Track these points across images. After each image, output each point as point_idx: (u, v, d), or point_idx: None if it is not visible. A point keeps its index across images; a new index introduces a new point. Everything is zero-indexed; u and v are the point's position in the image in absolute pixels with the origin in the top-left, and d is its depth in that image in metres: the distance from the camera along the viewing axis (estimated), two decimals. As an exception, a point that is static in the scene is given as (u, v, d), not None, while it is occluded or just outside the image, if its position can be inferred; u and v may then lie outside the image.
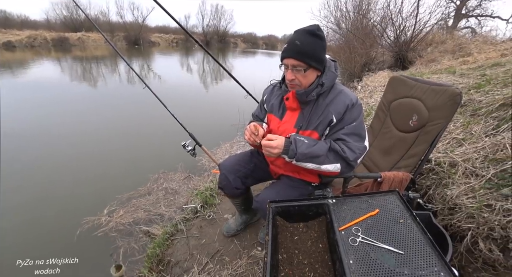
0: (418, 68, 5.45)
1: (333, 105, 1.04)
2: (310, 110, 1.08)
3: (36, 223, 2.17)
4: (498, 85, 2.25)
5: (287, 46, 1.01)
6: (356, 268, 0.70)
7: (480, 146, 1.60)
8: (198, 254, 1.59)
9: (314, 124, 1.07)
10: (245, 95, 2.11)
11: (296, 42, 0.97)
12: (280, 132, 1.14)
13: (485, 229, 1.18)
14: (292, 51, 0.99)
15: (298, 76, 1.02)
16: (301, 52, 0.98)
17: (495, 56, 4.36)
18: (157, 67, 12.54)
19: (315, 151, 0.99)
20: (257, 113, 1.32)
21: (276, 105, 1.18)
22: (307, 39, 0.97)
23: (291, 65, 1.01)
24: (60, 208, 2.37)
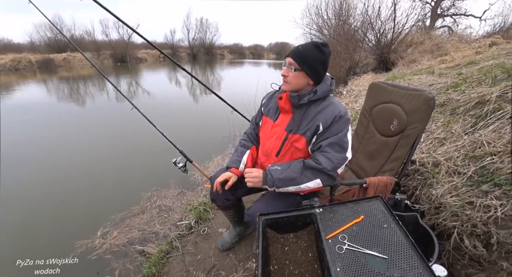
0: (401, 69, 5.64)
1: (322, 113, 1.11)
2: (301, 115, 1.15)
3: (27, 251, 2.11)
4: (473, 83, 2.35)
5: (291, 52, 1.13)
6: (343, 275, 0.72)
7: (460, 145, 1.67)
8: (194, 270, 1.58)
9: (303, 129, 1.13)
10: (231, 111, 2.15)
11: (298, 47, 1.10)
12: (272, 134, 1.23)
13: (469, 226, 1.22)
14: (292, 51, 1.11)
15: (289, 74, 1.11)
16: (298, 54, 1.08)
17: (470, 54, 4.56)
18: (145, 83, 12.50)
19: (290, 174, 1.08)
20: (254, 118, 1.43)
21: (273, 108, 1.26)
22: (308, 47, 1.08)
23: (288, 62, 1.11)
24: (51, 233, 2.31)
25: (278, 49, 42.61)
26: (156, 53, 27.23)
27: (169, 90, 10.77)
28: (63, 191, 2.96)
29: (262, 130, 1.31)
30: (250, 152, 1.33)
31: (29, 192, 2.91)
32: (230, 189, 1.32)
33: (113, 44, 23.97)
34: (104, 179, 3.27)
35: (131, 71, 17.26)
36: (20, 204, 2.68)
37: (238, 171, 1.29)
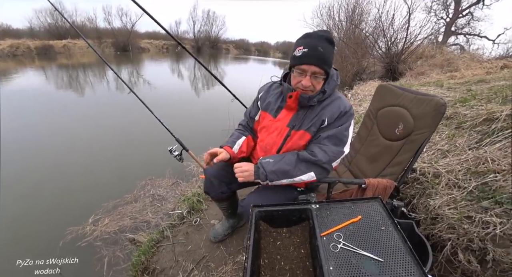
0: (408, 80, 5.61)
1: (328, 108, 1.08)
2: (306, 112, 1.10)
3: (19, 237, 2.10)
4: (482, 100, 2.33)
5: (308, 52, 0.96)
6: (336, 274, 0.70)
7: (463, 159, 1.65)
8: (184, 261, 1.56)
9: (307, 125, 1.10)
10: (232, 98, 2.12)
11: (319, 49, 0.95)
12: (273, 130, 1.16)
13: (465, 240, 1.20)
14: (315, 57, 0.96)
15: (314, 83, 1.01)
16: (324, 60, 0.97)
17: (481, 73, 4.53)
18: (147, 73, 12.38)
19: (283, 166, 1.04)
20: (249, 112, 1.34)
21: (272, 103, 1.18)
22: (327, 46, 0.97)
23: (312, 71, 0.99)
24: (43, 219, 2.30)
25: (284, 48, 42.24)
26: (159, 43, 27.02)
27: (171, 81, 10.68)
28: (58, 178, 2.94)
29: (260, 125, 1.24)
30: (246, 139, 1.26)
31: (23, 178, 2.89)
32: (225, 182, 1.29)
33: (115, 32, 23.61)
34: (99, 166, 3.25)
35: (132, 61, 17.11)
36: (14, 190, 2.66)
37: (232, 150, 1.20)
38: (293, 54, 1.01)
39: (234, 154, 1.21)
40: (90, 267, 1.75)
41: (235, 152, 1.21)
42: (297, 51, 0.99)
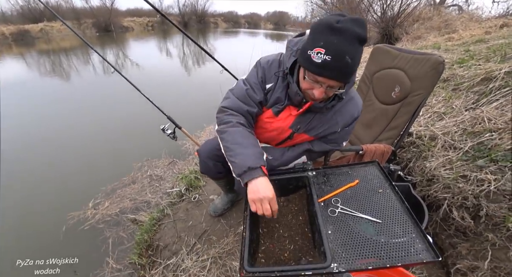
0: (404, 45, 5.45)
1: (341, 115, 0.94)
2: (314, 115, 0.93)
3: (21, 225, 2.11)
4: (481, 60, 2.27)
5: (331, 61, 0.70)
6: (334, 237, 0.70)
7: (460, 120, 1.64)
8: (186, 236, 1.59)
9: (316, 130, 0.96)
10: (221, 70, 2.03)
11: (347, 60, 0.70)
12: (271, 129, 0.99)
13: (459, 198, 1.22)
14: (339, 71, 0.73)
15: (328, 92, 0.81)
16: (350, 73, 0.75)
17: (479, 33, 4.38)
18: (133, 54, 11.73)
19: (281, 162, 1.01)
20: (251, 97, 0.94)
21: (280, 99, 0.94)
22: (357, 50, 0.71)
23: (329, 85, 0.77)
24: (43, 206, 2.29)
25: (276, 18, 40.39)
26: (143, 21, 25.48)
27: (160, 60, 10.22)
28: (53, 166, 2.90)
29: (261, 119, 1.01)
30: None
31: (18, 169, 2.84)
32: (221, 161, 1.21)
33: (94, 11, 21.95)
34: (94, 151, 3.20)
35: (117, 41, 16.14)
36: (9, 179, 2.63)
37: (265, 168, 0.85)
38: (307, 53, 0.73)
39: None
40: (95, 248, 1.79)
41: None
42: (314, 53, 0.71)
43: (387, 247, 0.66)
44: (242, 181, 0.80)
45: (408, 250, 0.64)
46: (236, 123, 0.90)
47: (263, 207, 0.76)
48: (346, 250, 0.66)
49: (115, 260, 1.64)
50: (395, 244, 0.66)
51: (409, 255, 0.63)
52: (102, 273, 1.56)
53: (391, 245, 0.66)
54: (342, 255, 0.65)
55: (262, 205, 0.76)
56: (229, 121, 0.90)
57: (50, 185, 2.58)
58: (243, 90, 0.94)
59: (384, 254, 0.64)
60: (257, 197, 0.76)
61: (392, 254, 0.64)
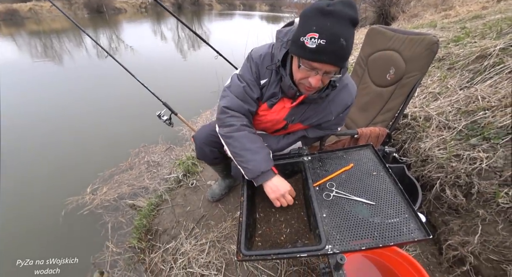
0: (401, 24, 5.33)
1: (334, 104, 0.93)
2: (308, 105, 0.93)
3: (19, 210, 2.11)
4: (476, 37, 2.23)
5: (326, 45, 0.68)
6: (329, 220, 0.72)
7: (454, 99, 1.63)
8: (184, 221, 1.62)
9: (310, 120, 0.96)
10: (215, 55, 1.98)
11: (341, 42, 0.68)
12: (266, 121, 1.00)
13: (452, 177, 1.25)
14: (333, 54, 0.70)
15: (324, 80, 0.78)
16: (344, 56, 0.72)
17: (476, 9, 4.28)
18: (127, 37, 11.29)
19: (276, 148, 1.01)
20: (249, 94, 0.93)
21: (275, 94, 0.94)
22: (350, 32, 0.69)
23: (327, 71, 0.74)
24: (41, 193, 2.28)
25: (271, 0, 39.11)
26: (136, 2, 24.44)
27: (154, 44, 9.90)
28: (49, 152, 2.86)
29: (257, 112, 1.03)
30: None
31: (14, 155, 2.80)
32: (217, 147, 1.24)
33: None
34: (90, 137, 3.16)
35: (109, 24, 15.51)
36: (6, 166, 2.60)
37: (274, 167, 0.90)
38: (299, 40, 0.71)
39: None
40: (95, 232, 1.81)
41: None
42: (307, 39, 0.69)
43: (380, 228, 0.67)
44: (256, 183, 0.86)
45: (400, 230, 0.66)
46: (240, 127, 0.91)
47: (287, 200, 0.83)
48: (340, 232, 0.68)
49: (114, 244, 1.67)
50: (388, 225, 0.68)
51: (402, 235, 0.65)
52: (103, 256, 1.59)
53: (384, 225, 0.68)
54: (337, 237, 0.67)
55: (285, 198, 0.83)
56: (233, 124, 0.91)
57: (46, 170, 2.57)
58: (240, 88, 0.92)
59: (377, 235, 0.66)
60: (279, 194, 0.83)
61: (385, 234, 0.65)
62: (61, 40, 10.35)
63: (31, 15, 17.13)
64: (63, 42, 9.87)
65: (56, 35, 11.31)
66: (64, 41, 10.13)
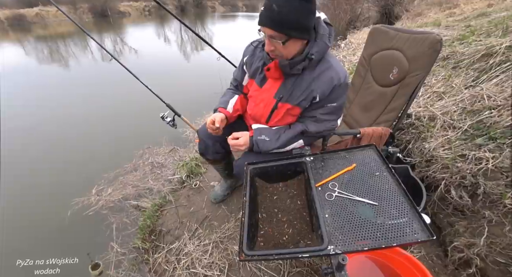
0: (404, 23, 5.30)
1: (319, 81, 0.94)
2: (294, 81, 0.97)
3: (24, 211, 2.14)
4: (481, 35, 2.20)
5: (263, 11, 0.82)
6: (332, 221, 0.71)
7: (459, 99, 1.61)
8: (188, 222, 1.63)
9: (297, 99, 0.99)
10: (218, 57, 1.99)
11: (273, 7, 0.78)
12: (259, 100, 1.07)
13: (458, 178, 1.23)
14: (268, 18, 0.81)
15: (277, 47, 0.87)
16: (279, 21, 0.80)
17: (482, 6, 4.23)
18: (131, 40, 11.43)
19: (278, 146, 1.03)
20: (236, 76, 1.22)
21: (258, 70, 1.06)
22: (288, 3, 0.77)
23: (268, 35, 0.85)
24: (47, 193, 2.31)
25: (274, 1, 39.21)
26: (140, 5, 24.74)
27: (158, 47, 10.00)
28: (55, 153, 2.91)
29: (249, 94, 1.15)
30: (238, 98, 1.20)
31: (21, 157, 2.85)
32: (219, 142, 1.28)
33: None
34: (94, 139, 3.20)
35: (114, 27, 15.73)
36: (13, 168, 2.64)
37: (226, 111, 1.15)
38: None
39: (229, 113, 1.16)
40: (100, 233, 1.83)
41: (230, 112, 1.16)
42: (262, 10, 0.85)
43: (383, 228, 0.67)
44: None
45: (403, 231, 0.65)
46: (226, 90, 1.27)
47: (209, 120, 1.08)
48: (343, 233, 0.67)
49: (119, 244, 1.68)
50: (391, 226, 0.67)
51: (405, 236, 0.64)
52: (108, 257, 1.60)
53: (387, 226, 0.67)
54: (339, 238, 0.66)
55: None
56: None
57: (52, 171, 2.60)
58: (236, 70, 1.24)
59: (380, 236, 0.65)
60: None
61: (388, 235, 0.65)
62: (67, 44, 10.54)
63: (38, 20, 17.42)
64: (68, 46, 10.05)
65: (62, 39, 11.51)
66: (70, 45, 10.32)
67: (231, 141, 1.03)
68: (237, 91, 1.25)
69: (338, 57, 3.99)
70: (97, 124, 3.61)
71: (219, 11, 32.19)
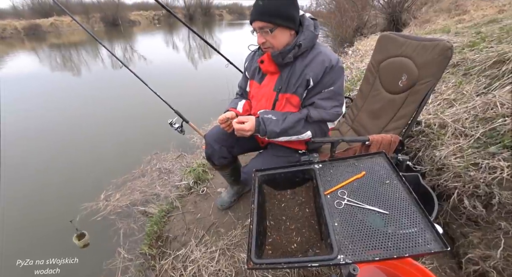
0: (412, 30, 5.26)
1: (310, 66, 1.01)
2: (288, 72, 1.05)
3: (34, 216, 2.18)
4: (493, 42, 2.17)
5: (251, 10, 0.96)
6: (341, 229, 0.70)
7: (471, 106, 1.58)
8: (195, 228, 1.62)
9: (293, 87, 1.05)
10: (226, 64, 2.02)
11: (258, 3, 0.93)
12: (260, 96, 1.14)
13: (471, 187, 1.19)
14: (256, 12, 0.95)
15: (267, 38, 0.98)
16: (264, 12, 0.93)
17: (492, 13, 4.18)
18: (140, 48, 11.78)
19: (284, 127, 1.03)
20: (240, 84, 1.33)
21: (256, 69, 1.16)
22: None
23: (258, 27, 0.97)
24: (57, 198, 2.36)
25: (281, 8, 40.02)
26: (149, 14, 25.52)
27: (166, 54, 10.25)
28: (65, 158, 2.98)
29: (251, 94, 1.23)
30: (246, 101, 1.26)
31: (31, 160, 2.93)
32: (226, 146, 1.30)
33: (102, 5, 22.09)
34: (104, 145, 3.27)
35: (124, 36, 16.23)
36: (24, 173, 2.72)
37: (236, 110, 1.21)
38: None
39: (240, 113, 1.21)
40: (108, 238, 1.84)
41: (240, 111, 1.22)
42: None
43: (394, 238, 0.65)
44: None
45: (416, 241, 0.63)
46: (233, 99, 1.33)
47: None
48: (353, 242, 0.66)
49: (126, 250, 1.68)
50: (403, 235, 0.65)
51: (417, 246, 0.62)
52: (115, 263, 1.61)
53: (398, 236, 0.65)
54: (349, 247, 0.65)
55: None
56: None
57: (61, 176, 2.66)
58: (240, 80, 1.34)
59: (391, 245, 0.63)
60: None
61: (400, 245, 0.63)
62: (79, 52, 10.93)
63: (52, 30, 18.18)
64: (80, 54, 10.43)
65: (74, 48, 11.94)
66: (82, 53, 10.70)
67: (236, 125, 1.04)
68: (242, 98, 1.32)
69: (345, 63, 3.99)
70: (107, 130, 3.70)
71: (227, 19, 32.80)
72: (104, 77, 6.96)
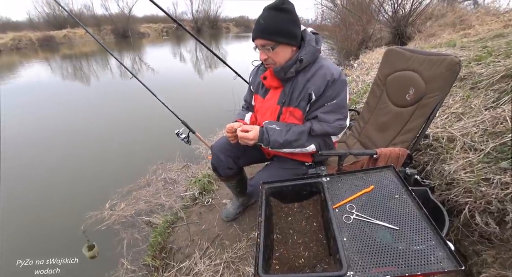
0: (417, 44, 5.31)
1: (312, 80, 1.02)
2: (291, 86, 1.06)
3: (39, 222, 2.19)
4: (500, 56, 2.17)
5: (254, 27, 1.00)
6: (350, 245, 0.69)
7: (480, 120, 1.57)
8: (199, 240, 1.61)
9: (296, 101, 1.06)
10: (234, 76, 2.05)
11: (260, 21, 0.96)
12: (265, 110, 1.16)
13: (482, 203, 1.16)
14: (257, 30, 0.98)
15: (269, 55, 1.01)
16: (265, 30, 0.96)
17: (498, 27, 4.20)
18: (149, 59, 12.16)
19: (288, 139, 1.03)
20: (245, 98, 1.36)
21: (260, 84, 1.18)
22: (270, 15, 0.95)
23: (260, 45, 1.00)
24: (62, 206, 2.38)
25: (286, 21, 41.10)
26: (158, 27, 26.43)
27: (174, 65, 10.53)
28: (71, 167, 3.02)
29: (255, 108, 1.25)
30: (252, 114, 1.29)
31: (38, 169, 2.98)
32: (232, 157, 1.30)
33: (113, 18, 23.12)
34: (110, 154, 3.31)
35: (134, 47, 16.81)
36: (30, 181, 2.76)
37: (244, 121, 1.25)
38: None
39: (247, 124, 1.22)
40: (111, 248, 1.83)
41: (248, 123, 1.25)
42: None
43: (405, 255, 0.63)
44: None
45: (428, 258, 0.62)
46: (241, 111, 1.36)
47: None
48: (362, 258, 0.65)
49: (129, 261, 1.67)
50: (413, 252, 0.64)
51: (429, 264, 0.60)
52: (117, 274, 1.59)
53: (409, 252, 0.64)
54: (359, 263, 0.64)
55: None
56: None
57: (67, 185, 2.68)
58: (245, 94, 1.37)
59: (402, 262, 0.62)
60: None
61: (411, 262, 0.61)
62: (90, 62, 11.31)
63: (65, 41, 18.99)
64: (91, 64, 10.78)
65: (85, 58, 12.37)
66: (92, 63, 11.07)
67: (241, 133, 1.05)
68: (249, 111, 1.35)
69: (351, 76, 4.02)
70: (114, 139, 3.75)
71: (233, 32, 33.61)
72: (112, 86, 7.15)
